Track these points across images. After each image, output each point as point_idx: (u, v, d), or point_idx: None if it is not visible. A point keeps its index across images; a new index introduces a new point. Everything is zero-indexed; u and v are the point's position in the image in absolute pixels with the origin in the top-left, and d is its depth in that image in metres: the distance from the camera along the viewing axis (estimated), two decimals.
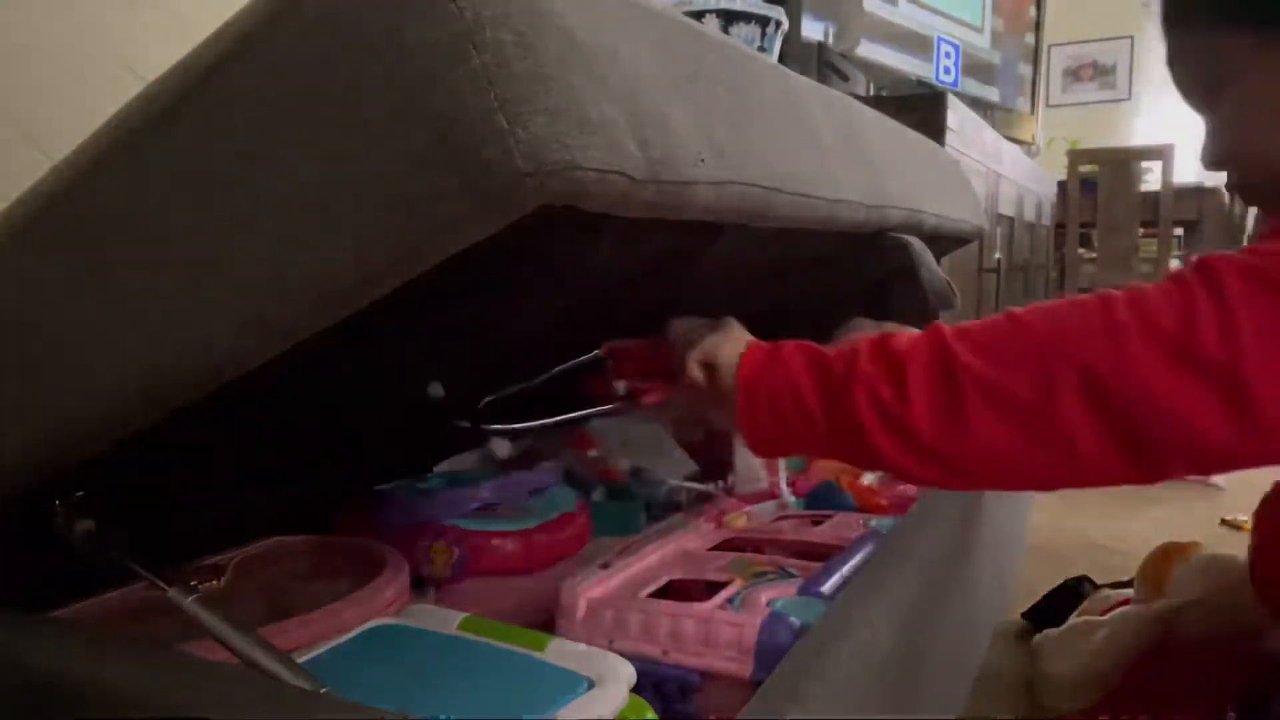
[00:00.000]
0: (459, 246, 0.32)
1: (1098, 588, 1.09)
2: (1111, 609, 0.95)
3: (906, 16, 2.10)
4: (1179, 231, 3.43)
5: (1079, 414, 0.45)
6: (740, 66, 0.46)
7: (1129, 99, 4.83)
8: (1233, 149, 0.68)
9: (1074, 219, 2.98)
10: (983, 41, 2.45)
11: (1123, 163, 2.93)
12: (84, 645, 0.43)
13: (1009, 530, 1.12)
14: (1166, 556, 0.90)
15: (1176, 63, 0.71)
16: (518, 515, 0.70)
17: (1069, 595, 1.06)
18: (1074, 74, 4.89)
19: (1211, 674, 0.80)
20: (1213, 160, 0.70)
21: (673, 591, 0.61)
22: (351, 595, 0.54)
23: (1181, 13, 0.69)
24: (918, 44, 2.15)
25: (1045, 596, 1.10)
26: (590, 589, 0.59)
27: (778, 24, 1.44)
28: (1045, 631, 1.06)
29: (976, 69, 2.42)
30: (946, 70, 2.28)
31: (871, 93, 1.79)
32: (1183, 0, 0.68)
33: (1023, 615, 1.11)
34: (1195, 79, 0.69)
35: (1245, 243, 0.62)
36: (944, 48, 2.26)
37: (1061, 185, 2.94)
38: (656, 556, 0.66)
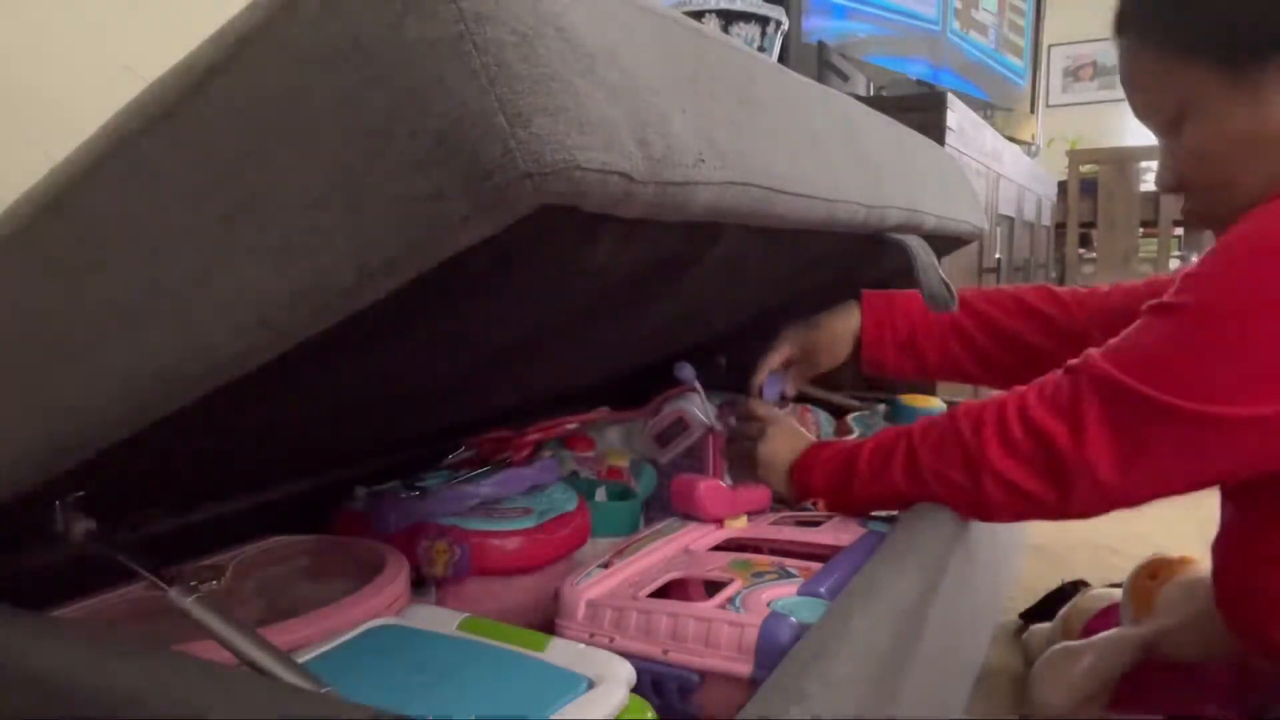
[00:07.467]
0: (459, 247, 0.32)
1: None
2: (1099, 615, 0.95)
3: None
4: (1179, 231, 3.43)
5: None
6: (740, 66, 0.46)
7: None
8: (1196, 177, 0.68)
9: (1074, 219, 2.98)
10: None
11: (1123, 163, 2.93)
12: (84, 645, 0.43)
13: (1009, 530, 1.12)
14: (1154, 574, 0.89)
15: (1136, 85, 0.71)
16: (518, 515, 0.70)
17: (1067, 599, 1.06)
18: (1074, 74, 4.89)
19: (1198, 693, 0.79)
20: (1173, 184, 0.70)
21: (673, 591, 0.61)
22: (351, 595, 0.54)
23: (1147, 40, 0.68)
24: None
25: (1044, 598, 1.11)
26: (590, 589, 0.59)
27: (778, 24, 1.44)
28: (1032, 628, 1.06)
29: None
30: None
31: (871, 93, 1.79)
32: (1150, 28, 0.68)
33: (1022, 615, 1.11)
34: (1158, 105, 0.69)
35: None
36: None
37: (1061, 185, 2.94)
38: (656, 556, 0.66)
